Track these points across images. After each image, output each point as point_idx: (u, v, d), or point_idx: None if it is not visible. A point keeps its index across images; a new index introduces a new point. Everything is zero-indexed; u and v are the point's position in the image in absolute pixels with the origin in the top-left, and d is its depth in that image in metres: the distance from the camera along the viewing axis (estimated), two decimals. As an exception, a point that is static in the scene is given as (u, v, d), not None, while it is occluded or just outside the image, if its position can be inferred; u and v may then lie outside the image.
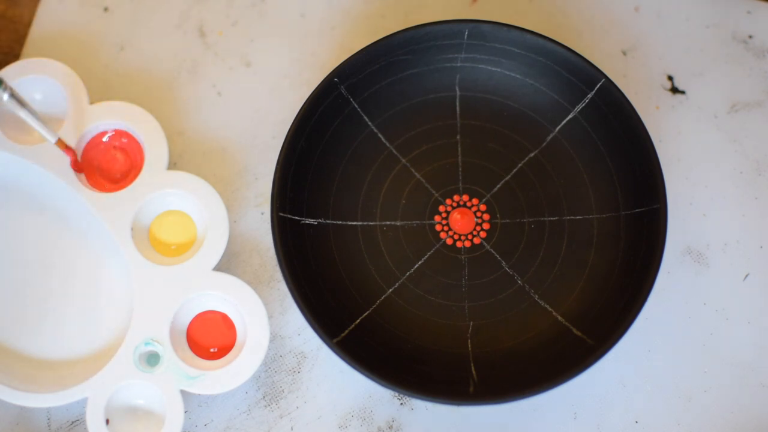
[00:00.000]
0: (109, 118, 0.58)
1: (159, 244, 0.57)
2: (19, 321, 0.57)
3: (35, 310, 0.57)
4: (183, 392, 0.54)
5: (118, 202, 0.57)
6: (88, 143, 0.58)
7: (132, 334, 0.55)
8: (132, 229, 0.56)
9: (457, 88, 0.60)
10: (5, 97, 0.52)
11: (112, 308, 0.57)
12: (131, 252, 0.56)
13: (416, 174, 0.59)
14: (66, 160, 0.57)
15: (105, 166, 0.59)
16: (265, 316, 0.55)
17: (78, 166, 0.57)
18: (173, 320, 0.55)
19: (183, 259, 0.56)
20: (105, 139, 0.59)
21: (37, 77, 0.58)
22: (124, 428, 0.54)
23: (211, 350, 0.56)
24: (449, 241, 0.58)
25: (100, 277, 0.57)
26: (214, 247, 0.56)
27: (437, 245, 0.58)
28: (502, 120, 0.60)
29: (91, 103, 0.59)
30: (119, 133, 0.59)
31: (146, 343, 0.54)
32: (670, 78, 0.63)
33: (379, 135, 0.60)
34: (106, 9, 0.64)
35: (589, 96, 0.58)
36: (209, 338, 0.56)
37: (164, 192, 0.57)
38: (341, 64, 0.57)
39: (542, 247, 0.58)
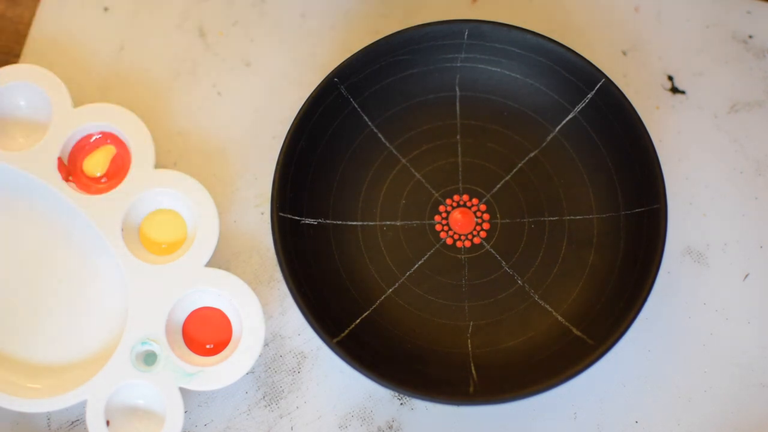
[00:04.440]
0: (94, 120, 0.58)
1: (150, 244, 0.57)
2: (14, 328, 0.57)
3: (30, 316, 0.57)
4: (183, 391, 0.54)
5: (107, 204, 0.57)
6: (74, 146, 0.58)
7: (128, 334, 0.55)
8: (122, 229, 0.56)
9: (457, 88, 0.60)
10: None
11: (107, 309, 0.57)
12: (123, 252, 0.56)
13: (416, 174, 0.59)
14: (53, 164, 0.57)
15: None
16: (260, 309, 0.55)
17: (65, 170, 0.57)
18: (168, 318, 0.55)
19: (175, 257, 0.56)
20: (91, 141, 0.59)
21: (19, 83, 0.58)
22: (124, 429, 0.54)
23: (208, 346, 0.56)
24: (449, 241, 0.58)
25: (93, 279, 0.57)
26: (206, 243, 0.56)
27: (437, 245, 0.58)
28: (502, 120, 0.60)
29: (83, 104, 0.59)
30: (105, 135, 0.59)
31: (143, 343, 0.54)
32: (670, 78, 0.63)
33: (379, 135, 0.60)
34: (106, 9, 0.64)
35: (589, 96, 0.58)
36: (205, 335, 0.56)
37: (153, 191, 0.57)
38: (341, 64, 0.57)
39: (542, 247, 0.58)
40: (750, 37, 0.63)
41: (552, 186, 0.59)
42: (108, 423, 0.54)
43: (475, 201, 0.59)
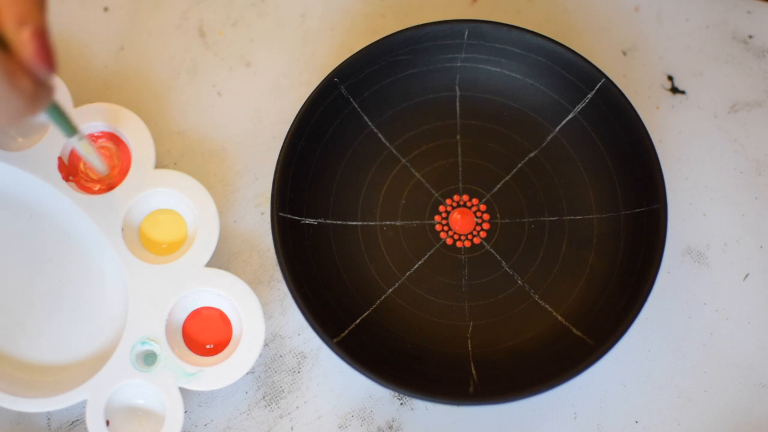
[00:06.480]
0: (94, 120, 0.58)
1: (150, 244, 0.57)
2: (15, 327, 0.57)
3: (30, 316, 0.57)
4: (183, 391, 0.54)
5: (107, 204, 0.57)
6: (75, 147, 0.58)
7: (128, 334, 0.55)
8: (122, 229, 0.56)
9: (457, 88, 0.60)
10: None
11: (107, 309, 0.57)
12: (123, 252, 0.56)
13: (416, 174, 0.59)
14: (53, 164, 0.57)
15: (92, 168, 0.59)
16: (260, 309, 0.55)
17: (65, 170, 0.57)
18: (168, 318, 0.55)
19: (175, 257, 0.56)
20: None
21: None
22: (124, 429, 0.54)
23: (208, 347, 0.56)
24: (449, 241, 0.58)
25: (93, 279, 0.57)
26: (206, 243, 0.56)
27: (437, 245, 0.58)
28: (502, 120, 0.60)
29: (83, 104, 0.59)
30: (105, 135, 0.59)
31: (143, 343, 0.54)
32: (670, 78, 0.63)
33: (379, 135, 0.60)
34: (106, 9, 0.64)
35: (589, 96, 0.58)
36: (205, 335, 0.56)
37: (153, 191, 0.57)
38: (341, 64, 0.57)
39: (542, 247, 0.58)
40: (750, 37, 0.64)
41: (552, 186, 0.59)
42: (108, 423, 0.54)
43: (475, 201, 0.59)
